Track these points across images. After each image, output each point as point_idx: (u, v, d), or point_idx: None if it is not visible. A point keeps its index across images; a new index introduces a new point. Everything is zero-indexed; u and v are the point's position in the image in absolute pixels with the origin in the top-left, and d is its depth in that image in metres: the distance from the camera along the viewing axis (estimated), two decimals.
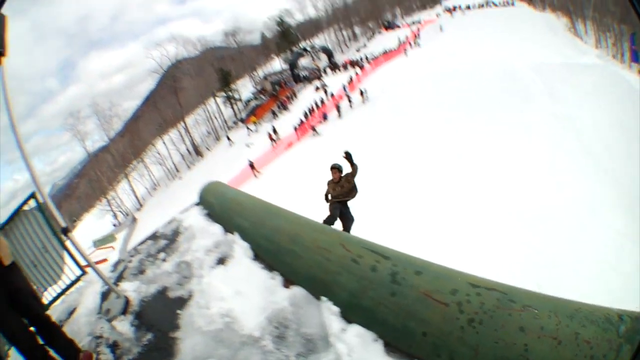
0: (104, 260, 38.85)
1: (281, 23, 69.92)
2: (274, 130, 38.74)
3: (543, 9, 56.22)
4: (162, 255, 4.18)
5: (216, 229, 4.00)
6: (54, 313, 4.49)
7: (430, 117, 23.06)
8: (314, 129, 33.34)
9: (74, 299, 4.43)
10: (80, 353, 2.98)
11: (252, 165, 31.01)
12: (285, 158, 29.40)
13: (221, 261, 3.32)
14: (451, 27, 52.85)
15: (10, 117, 3.23)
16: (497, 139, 17.49)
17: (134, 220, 53.24)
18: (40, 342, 2.83)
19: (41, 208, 5.09)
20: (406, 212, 12.83)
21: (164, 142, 65.63)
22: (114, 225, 57.64)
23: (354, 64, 52.50)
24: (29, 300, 2.91)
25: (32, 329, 2.86)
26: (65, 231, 3.39)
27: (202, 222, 4.47)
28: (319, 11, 74.31)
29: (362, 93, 35.24)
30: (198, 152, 62.57)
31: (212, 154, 57.54)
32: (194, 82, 67.34)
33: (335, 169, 5.79)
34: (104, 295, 3.94)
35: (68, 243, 5.17)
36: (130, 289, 3.66)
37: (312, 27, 73.40)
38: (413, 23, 64.29)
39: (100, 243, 46.23)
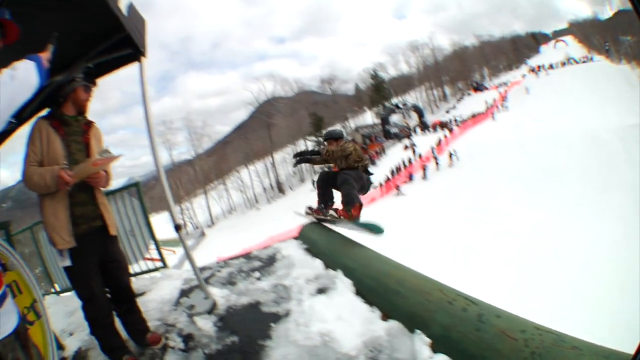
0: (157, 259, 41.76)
1: (375, 76, 72.86)
2: None
3: (619, 60, 56.17)
4: (256, 274, 4.50)
5: (317, 263, 4.31)
6: None
7: (513, 184, 23.74)
8: (397, 188, 33.47)
9: (144, 285, 4.88)
10: (149, 333, 3.26)
11: None
12: (364, 213, 30.75)
13: (322, 291, 3.57)
14: (536, 89, 54.09)
15: (147, 113, 3.50)
16: (576, 213, 17.29)
17: (203, 234, 54.42)
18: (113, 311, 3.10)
19: (140, 197, 5.91)
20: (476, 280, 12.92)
21: (248, 172, 67.94)
22: None
23: (443, 125, 52.88)
24: (121, 273, 3.16)
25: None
26: (178, 228, 3.54)
27: (302, 254, 4.79)
28: (411, 67, 75.60)
29: (450, 156, 36.27)
30: (280, 189, 64.10)
31: (294, 193, 58.49)
32: (286, 121, 69.89)
33: (331, 139, 5.01)
34: (184, 292, 4.36)
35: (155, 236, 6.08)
36: (219, 294, 3.95)
37: (404, 83, 75.08)
38: (500, 85, 65.61)
39: (163, 244, 48.67)
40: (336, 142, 4.88)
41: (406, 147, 49.08)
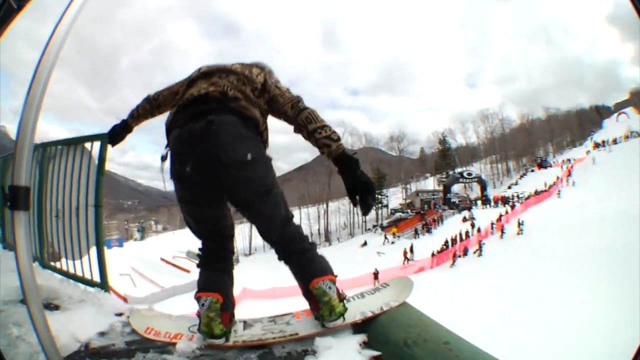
0: (187, 270, 44.42)
1: (443, 141, 72.86)
2: (411, 249, 38.08)
3: None
4: None
5: None
6: None
7: (573, 269, 22.75)
8: (454, 259, 33.48)
9: (68, 296, 2.60)
10: None
11: (376, 275, 30.23)
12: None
13: None
14: (601, 165, 52.97)
15: None
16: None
17: (237, 260, 54.31)
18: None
19: (101, 158, 3.31)
20: None
21: (299, 213, 66.32)
22: None
23: (505, 201, 52.74)
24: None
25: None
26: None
27: None
28: (479, 137, 76.17)
29: (519, 224, 37.03)
30: (327, 238, 63.44)
31: (340, 246, 57.33)
32: None
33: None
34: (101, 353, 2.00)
35: None
36: None
37: (470, 153, 74.50)
38: (564, 162, 63.10)
39: (191, 255, 50.05)
40: None
41: (465, 219, 48.21)
